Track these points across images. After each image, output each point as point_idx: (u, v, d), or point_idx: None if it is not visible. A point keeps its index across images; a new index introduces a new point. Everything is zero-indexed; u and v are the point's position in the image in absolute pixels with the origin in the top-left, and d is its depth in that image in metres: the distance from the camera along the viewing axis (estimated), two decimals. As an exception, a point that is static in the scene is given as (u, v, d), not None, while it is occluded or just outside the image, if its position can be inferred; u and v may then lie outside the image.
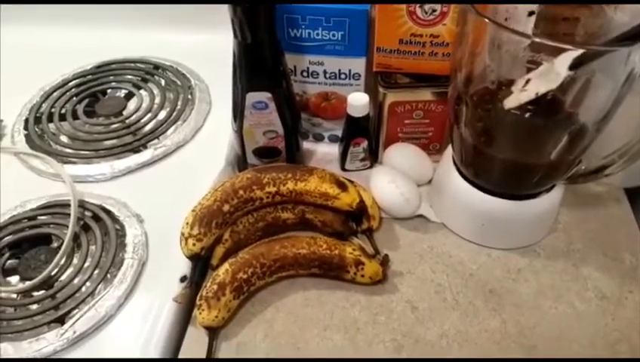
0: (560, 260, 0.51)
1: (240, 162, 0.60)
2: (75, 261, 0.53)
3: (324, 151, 0.63)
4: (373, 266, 0.49)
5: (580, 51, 0.37)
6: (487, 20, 0.39)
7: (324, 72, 0.57)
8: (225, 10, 0.47)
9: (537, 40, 0.38)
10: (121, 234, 0.54)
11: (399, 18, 0.50)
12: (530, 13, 0.48)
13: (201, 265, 0.50)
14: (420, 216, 0.55)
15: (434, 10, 0.48)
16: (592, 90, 0.43)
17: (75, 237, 0.54)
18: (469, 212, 0.51)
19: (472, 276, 0.50)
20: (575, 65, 0.39)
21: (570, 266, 0.50)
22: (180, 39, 0.78)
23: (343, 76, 0.57)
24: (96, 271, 0.51)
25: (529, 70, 0.42)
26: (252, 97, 0.53)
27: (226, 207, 0.50)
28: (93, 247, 0.54)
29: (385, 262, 0.50)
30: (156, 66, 0.76)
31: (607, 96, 0.42)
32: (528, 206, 0.49)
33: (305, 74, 0.58)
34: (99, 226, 0.55)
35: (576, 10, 0.48)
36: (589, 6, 0.47)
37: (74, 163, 0.63)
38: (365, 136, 0.58)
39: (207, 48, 0.73)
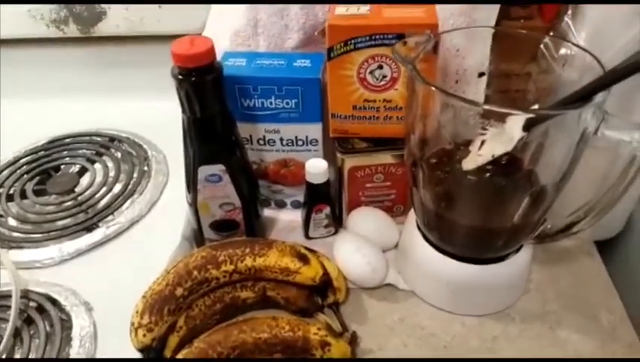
0: (536, 323, 0.48)
1: (197, 237, 0.57)
2: (16, 358, 0.48)
3: (287, 219, 0.61)
4: (341, 346, 0.45)
5: (529, 115, 0.36)
6: (433, 88, 0.39)
7: (281, 139, 0.55)
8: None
9: (487, 107, 0.37)
10: (67, 326, 0.50)
11: (351, 85, 0.49)
12: (481, 75, 0.48)
13: (153, 357, 0.46)
14: (389, 284, 0.52)
15: (384, 77, 0.48)
16: (548, 149, 0.42)
17: (17, 333, 0.49)
18: (437, 279, 0.49)
19: (446, 348, 0.47)
20: (528, 126, 0.38)
21: (547, 329, 0.48)
22: (136, 107, 0.76)
23: (300, 143, 0.55)
24: (39, 369, 0.47)
25: (482, 134, 0.41)
26: (205, 170, 0.51)
27: (179, 291, 0.46)
28: (36, 341, 0.49)
29: (353, 340, 0.46)
30: (112, 138, 0.74)
31: (564, 155, 0.41)
32: (498, 269, 0.47)
33: (261, 142, 0.56)
34: (43, 318, 0.51)
35: (526, 66, 0.49)
36: (537, 62, 0.47)
37: (22, 247, 0.59)
38: (327, 202, 0.56)
39: (165, 116, 0.70)
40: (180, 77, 0.45)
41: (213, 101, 0.47)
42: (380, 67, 0.47)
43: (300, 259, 0.49)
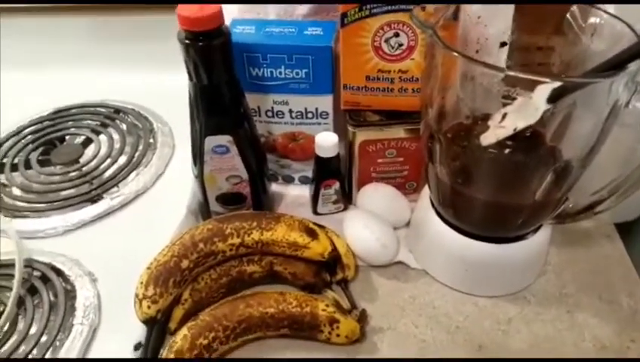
0: (553, 306, 0.47)
1: (203, 210, 0.55)
2: (20, 327, 0.47)
3: (294, 194, 0.59)
4: (350, 324, 0.44)
5: (557, 83, 0.34)
6: (456, 54, 0.36)
7: (290, 111, 0.53)
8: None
9: (511, 73, 0.35)
10: (71, 295, 0.49)
11: (365, 54, 0.47)
12: (502, 44, 0.45)
13: (157, 329, 0.45)
14: (400, 262, 0.51)
15: (400, 45, 0.45)
16: (574, 124, 0.39)
17: (20, 302, 0.49)
18: (450, 257, 0.47)
19: (458, 329, 0.45)
20: (554, 97, 0.35)
21: (565, 313, 0.46)
22: (142, 79, 0.74)
23: (310, 115, 0.53)
24: (43, 339, 0.46)
25: (505, 104, 0.38)
26: (211, 141, 0.49)
27: (184, 263, 0.45)
28: (40, 310, 0.48)
29: (362, 318, 0.45)
30: (117, 110, 0.72)
31: (591, 130, 0.38)
32: (515, 249, 0.45)
33: (270, 114, 0.54)
34: (47, 288, 0.50)
35: (550, 38, 0.46)
36: (564, 34, 0.45)
37: (26, 217, 0.58)
38: (336, 178, 0.54)
39: (171, 88, 0.68)
40: (187, 41, 0.43)
41: (220, 67, 0.45)
42: (397, 35, 0.45)
43: (309, 233, 0.47)
